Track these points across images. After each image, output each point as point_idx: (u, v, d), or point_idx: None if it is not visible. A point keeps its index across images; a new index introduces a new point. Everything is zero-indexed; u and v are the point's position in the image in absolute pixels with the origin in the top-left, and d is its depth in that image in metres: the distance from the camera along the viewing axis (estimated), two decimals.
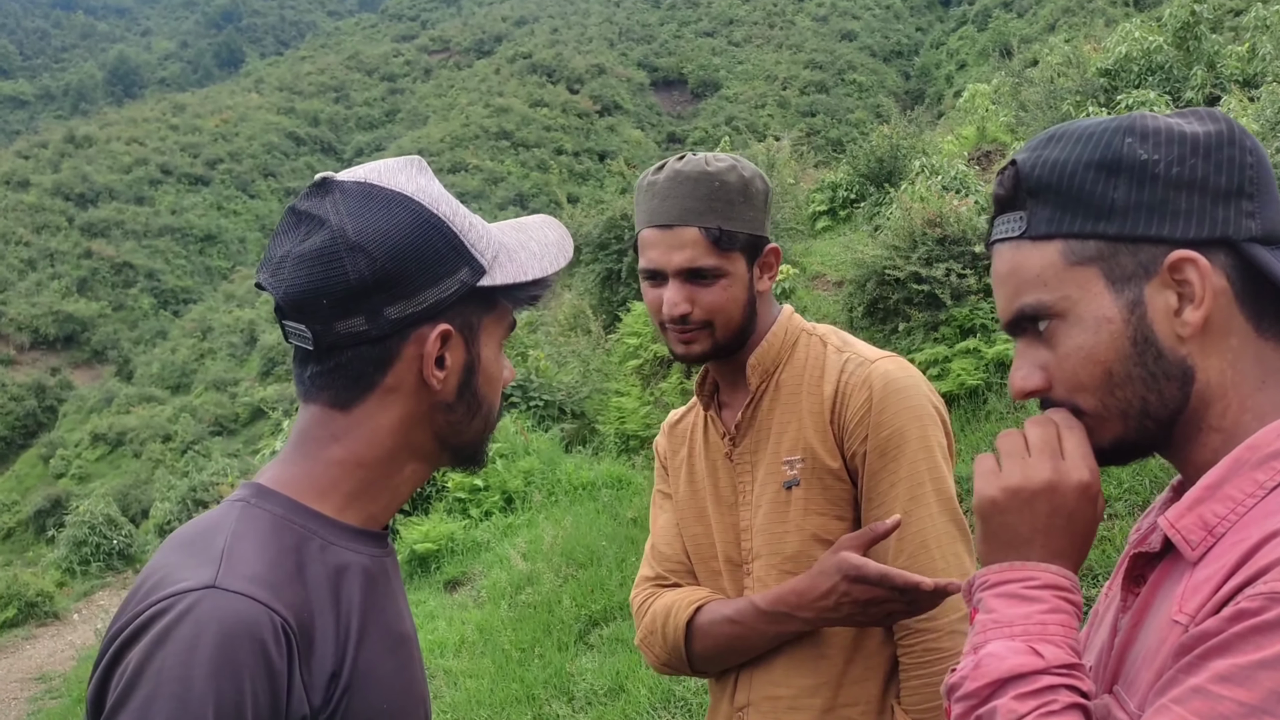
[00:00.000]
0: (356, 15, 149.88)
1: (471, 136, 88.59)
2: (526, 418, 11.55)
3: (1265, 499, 1.06)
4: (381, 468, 1.37)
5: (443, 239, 1.33)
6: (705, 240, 1.97)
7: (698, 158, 2.03)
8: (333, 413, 1.35)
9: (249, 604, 1.17)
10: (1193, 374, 1.14)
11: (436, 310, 1.32)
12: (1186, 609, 1.05)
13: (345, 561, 1.32)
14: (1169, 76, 13.20)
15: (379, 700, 1.31)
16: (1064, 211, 1.16)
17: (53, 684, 11.99)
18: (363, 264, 1.28)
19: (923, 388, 2.02)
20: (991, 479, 1.21)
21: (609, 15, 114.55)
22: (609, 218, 14.07)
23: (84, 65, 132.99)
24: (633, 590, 2.26)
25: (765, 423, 2.08)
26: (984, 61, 51.19)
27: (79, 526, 20.02)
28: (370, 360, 1.32)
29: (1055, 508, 1.18)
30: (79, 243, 78.68)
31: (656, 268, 2.02)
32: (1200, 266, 1.12)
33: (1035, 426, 1.21)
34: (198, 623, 1.15)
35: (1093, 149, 1.15)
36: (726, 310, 2.01)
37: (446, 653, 7.13)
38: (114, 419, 55.09)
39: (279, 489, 1.34)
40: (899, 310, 8.20)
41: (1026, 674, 1.10)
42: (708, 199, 1.97)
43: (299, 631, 1.21)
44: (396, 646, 1.37)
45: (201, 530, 1.30)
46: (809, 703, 2.00)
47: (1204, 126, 1.15)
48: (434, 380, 1.34)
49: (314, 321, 1.30)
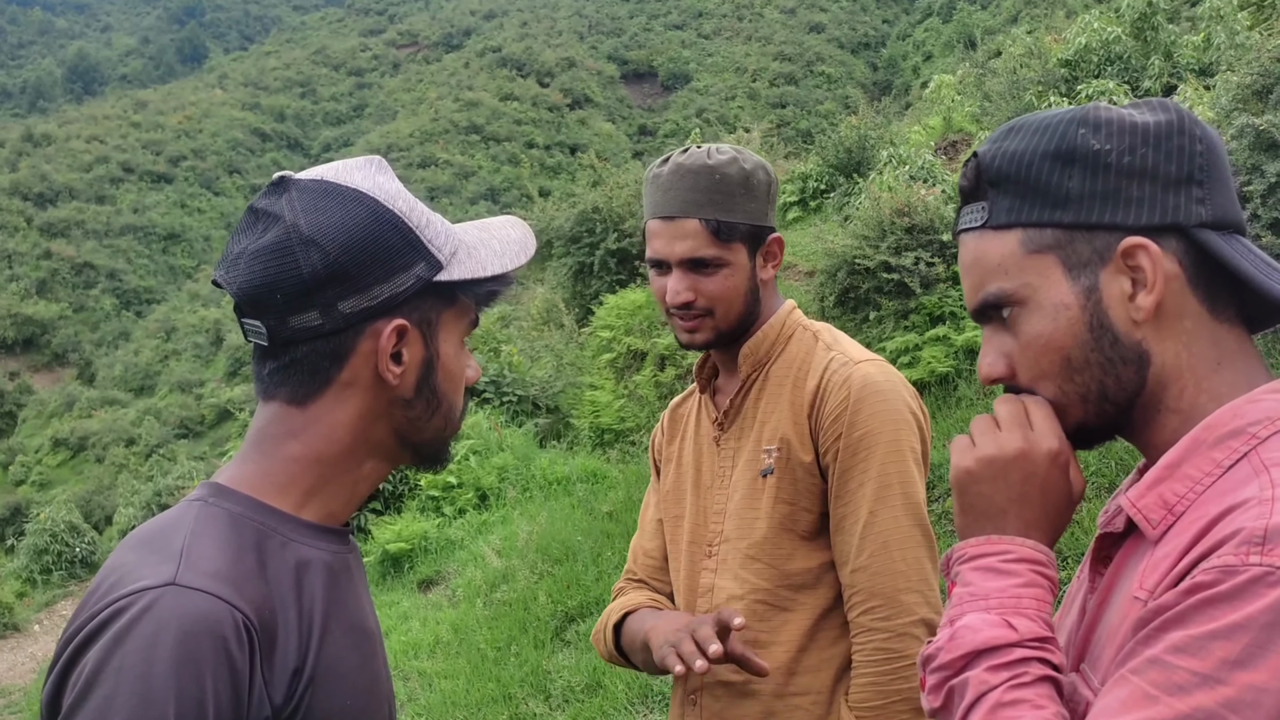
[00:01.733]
0: (322, 9, 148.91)
1: (441, 131, 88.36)
2: (500, 413, 11.53)
3: (1222, 477, 1.08)
4: (340, 464, 1.37)
5: (397, 233, 1.33)
6: (706, 231, 2.03)
7: (701, 150, 2.07)
8: (290, 409, 1.35)
9: (210, 600, 1.17)
10: (1148, 358, 1.17)
11: (391, 305, 1.33)
12: (1146, 585, 1.08)
13: (306, 558, 1.32)
14: (1127, 66, 13.37)
15: (342, 696, 1.31)
16: (1022, 201, 1.20)
17: (12, 698, 11.78)
18: (315, 258, 1.29)
19: (903, 392, 2.04)
20: (966, 452, 1.26)
21: (578, 8, 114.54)
22: (580, 211, 14.04)
23: (42, 62, 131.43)
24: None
25: (752, 411, 2.12)
26: (949, 53, 51.53)
27: (40, 534, 19.78)
28: (325, 355, 1.33)
29: (1028, 475, 1.21)
30: (38, 243, 77.49)
31: (661, 257, 2.08)
32: (1151, 252, 1.15)
33: (1003, 405, 1.26)
34: (158, 620, 1.14)
35: (1048, 140, 1.19)
36: (728, 298, 2.06)
37: (421, 654, 7.10)
38: (76, 423, 54.30)
39: (237, 487, 1.34)
40: (869, 299, 8.24)
41: (999, 646, 1.13)
42: (708, 191, 2.03)
43: (260, 628, 1.21)
44: (360, 642, 1.37)
45: (159, 529, 1.30)
46: (759, 688, 2.03)
47: (1155, 116, 1.19)
48: (390, 375, 1.35)
49: (269, 317, 1.31)
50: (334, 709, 1.29)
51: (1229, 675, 0.93)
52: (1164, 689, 0.96)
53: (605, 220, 13.79)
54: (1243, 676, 0.92)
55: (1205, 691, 0.93)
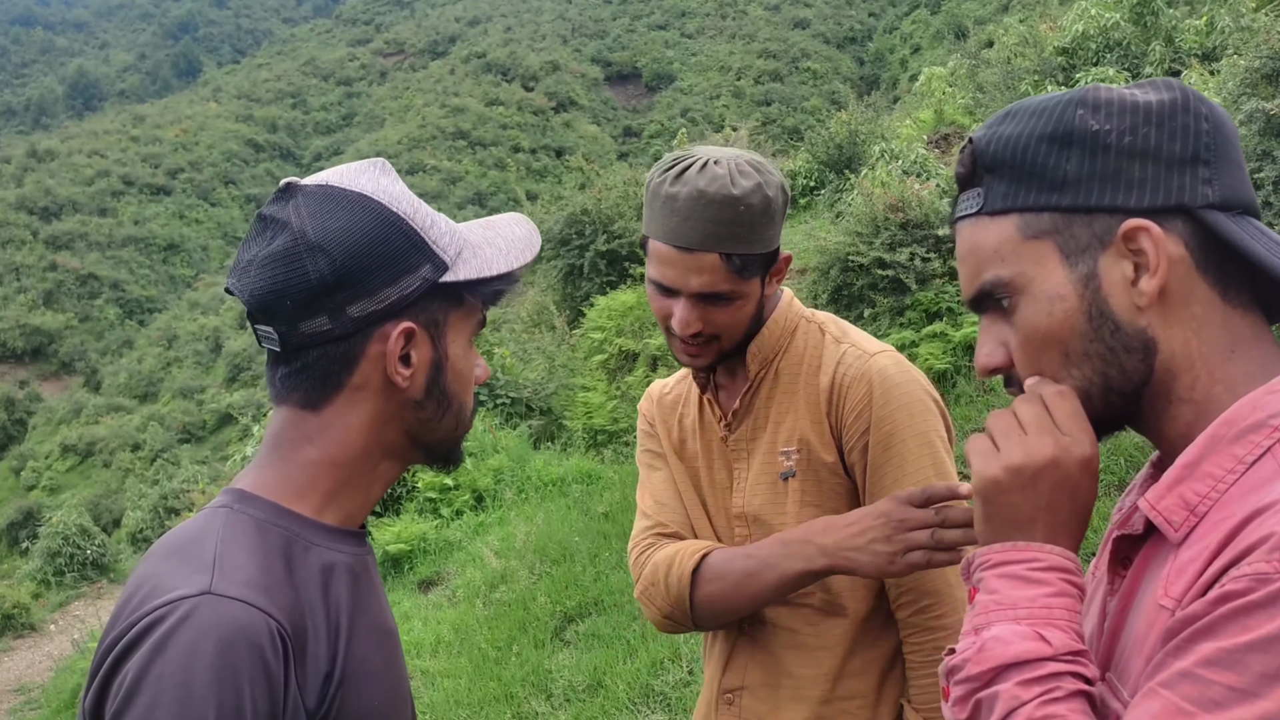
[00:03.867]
0: (311, 21, 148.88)
1: (428, 137, 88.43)
2: (493, 415, 11.51)
3: (1245, 474, 1.04)
4: (355, 467, 1.39)
5: (403, 236, 1.34)
6: (726, 268, 1.88)
7: (722, 172, 1.87)
8: (304, 414, 1.37)
9: (245, 609, 1.18)
10: (1154, 345, 1.12)
11: (399, 307, 1.34)
12: (1172, 592, 1.04)
13: (330, 561, 1.34)
14: (1127, 53, 13.20)
15: (371, 697, 1.33)
16: (1018, 185, 1.16)
17: (31, 695, 11.97)
18: (323, 263, 1.30)
19: (921, 380, 2.00)
20: (991, 459, 1.19)
21: (561, 12, 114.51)
22: (569, 213, 14.03)
23: (44, 80, 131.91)
24: (630, 544, 2.18)
25: (763, 410, 2.05)
26: (939, 44, 51.45)
27: (52, 537, 19.85)
28: (336, 359, 1.34)
29: (1058, 484, 1.15)
30: (44, 255, 78.42)
31: (672, 286, 1.93)
32: (1154, 234, 1.10)
33: (1025, 405, 1.19)
34: (196, 629, 1.16)
35: (1045, 123, 1.15)
36: (736, 326, 1.96)
37: (423, 653, 7.09)
38: (83, 429, 55.04)
39: (259, 493, 1.35)
40: (864, 296, 8.21)
41: (1032, 660, 1.08)
42: (731, 224, 1.86)
43: (293, 634, 1.23)
44: (383, 642, 1.40)
45: (189, 538, 1.31)
46: (807, 693, 1.99)
47: (1157, 95, 1.14)
48: (399, 377, 1.35)
49: (280, 323, 1.32)
50: (364, 709, 1.31)
51: (1266, 689, 0.89)
52: (1198, 703, 0.92)
53: (594, 222, 13.79)
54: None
55: (1242, 706, 0.90)
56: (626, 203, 13.97)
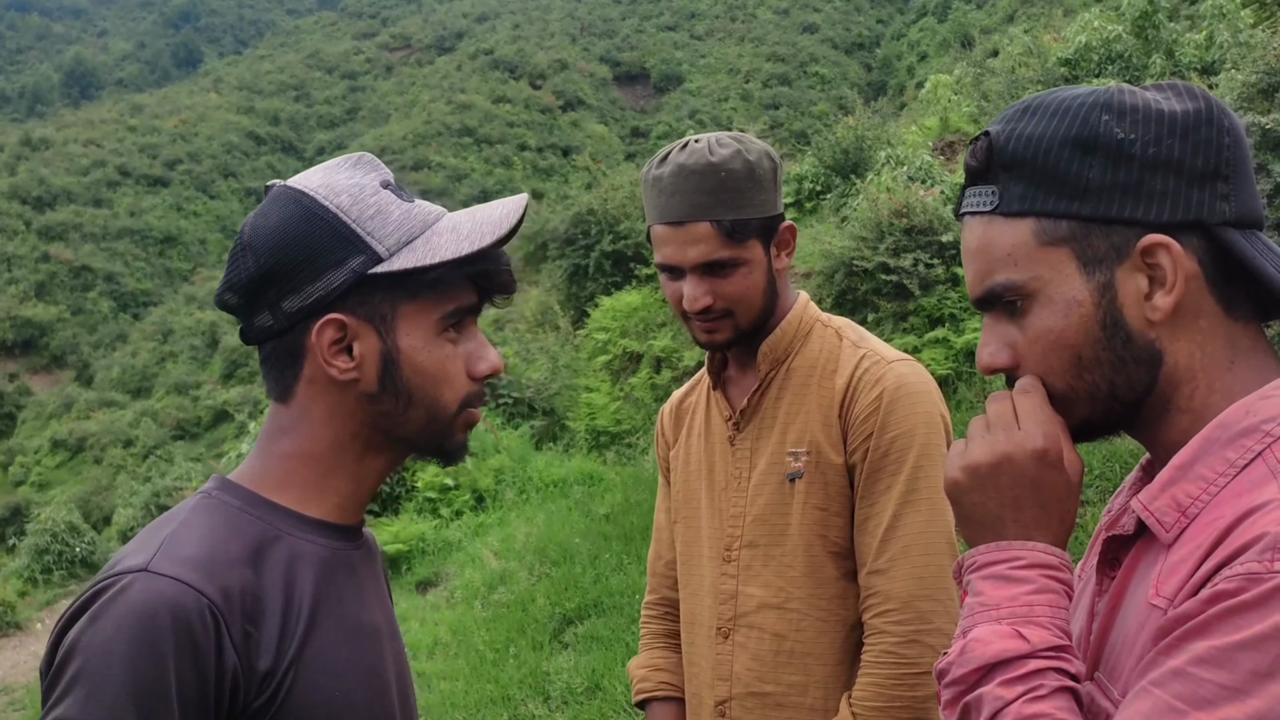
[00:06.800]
0: (316, 13, 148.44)
1: (434, 134, 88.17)
2: (496, 415, 11.51)
3: (1237, 477, 1.05)
4: (331, 459, 1.41)
5: (328, 231, 1.34)
6: (718, 234, 1.93)
7: (700, 146, 1.95)
8: (279, 406, 1.42)
9: (174, 585, 1.22)
10: (1160, 357, 1.13)
11: (325, 301, 1.34)
12: (1164, 592, 1.05)
13: (299, 551, 1.36)
14: (1129, 65, 13.34)
15: (330, 687, 1.34)
16: (1038, 189, 1.14)
17: (15, 695, 11.77)
18: (250, 262, 1.35)
19: (934, 395, 2.00)
20: (954, 460, 1.21)
21: (570, 10, 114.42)
22: (575, 213, 14.05)
23: (40, 67, 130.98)
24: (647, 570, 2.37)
25: (771, 411, 2.05)
26: (945, 53, 51.41)
27: (40, 534, 19.91)
28: (285, 353, 1.38)
29: (1015, 479, 1.16)
30: (36, 246, 77.44)
31: (673, 264, 1.98)
32: (1173, 251, 1.10)
33: (993, 403, 1.21)
34: (127, 603, 1.21)
35: (1069, 125, 1.12)
36: (748, 297, 1.98)
37: (420, 655, 7.09)
38: (74, 424, 54.31)
39: (241, 482, 1.40)
40: (868, 301, 8.23)
41: (1011, 659, 1.09)
42: (715, 191, 1.92)
43: (236, 613, 1.25)
44: (354, 637, 1.40)
45: (163, 519, 1.36)
46: (798, 700, 1.98)
47: (1182, 104, 1.13)
48: (334, 370, 1.36)
49: (240, 318, 1.39)
50: (319, 698, 1.32)
51: (1257, 687, 0.90)
52: (1189, 701, 0.93)
53: (600, 222, 13.79)
54: (1273, 688, 0.90)
55: (1233, 704, 0.91)
56: (633, 203, 13.98)
